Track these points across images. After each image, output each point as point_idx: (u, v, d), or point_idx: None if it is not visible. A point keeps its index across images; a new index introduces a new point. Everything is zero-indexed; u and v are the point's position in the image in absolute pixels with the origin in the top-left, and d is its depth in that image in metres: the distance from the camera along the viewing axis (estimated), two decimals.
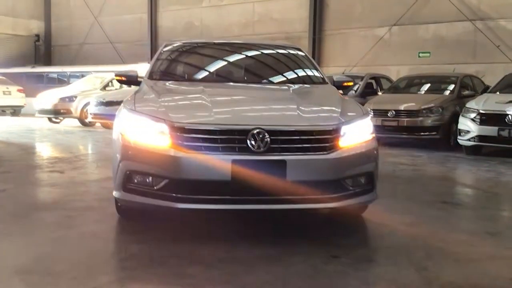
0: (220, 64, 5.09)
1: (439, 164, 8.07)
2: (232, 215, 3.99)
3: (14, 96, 19.11)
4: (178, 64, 5.05)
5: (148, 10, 22.50)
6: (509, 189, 6.21)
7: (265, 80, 4.79)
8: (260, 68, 5.09)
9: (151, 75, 4.70)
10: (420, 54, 16.91)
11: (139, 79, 4.69)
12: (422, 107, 10.09)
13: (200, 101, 3.79)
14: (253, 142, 3.39)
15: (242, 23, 20.36)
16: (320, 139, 3.52)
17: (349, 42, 18.27)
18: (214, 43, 5.49)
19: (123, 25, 23.13)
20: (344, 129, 3.65)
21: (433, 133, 10.00)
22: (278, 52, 5.32)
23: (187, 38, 15.68)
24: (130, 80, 4.71)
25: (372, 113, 10.50)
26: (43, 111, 15.47)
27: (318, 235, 3.80)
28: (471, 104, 9.10)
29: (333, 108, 3.87)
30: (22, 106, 19.19)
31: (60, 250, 3.35)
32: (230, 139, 3.40)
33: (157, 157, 3.44)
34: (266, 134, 3.40)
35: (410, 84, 12.07)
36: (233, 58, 5.20)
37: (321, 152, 3.50)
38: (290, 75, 5.01)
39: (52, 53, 26.28)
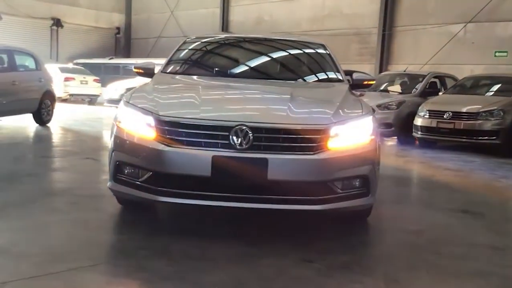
0: (232, 59, 5.06)
1: (489, 171, 7.56)
2: (220, 211, 3.97)
3: (90, 85, 20.18)
4: (192, 59, 5.08)
5: (220, 4, 22.87)
6: None
7: (273, 77, 4.70)
8: (272, 64, 5.01)
9: (164, 69, 4.77)
10: (497, 53, 15.88)
11: (155, 72, 4.77)
12: (482, 109, 9.49)
13: (193, 96, 3.79)
14: (235, 139, 3.34)
15: (311, 18, 20.15)
16: (306, 139, 3.41)
17: (420, 39, 17.52)
18: (234, 38, 5.47)
19: (196, 19, 23.65)
20: (335, 129, 3.51)
21: (493, 137, 9.37)
22: (297, 49, 5.20)
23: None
24: (147, 72, 4.80)
25: (427, 115, 10.06)
26: (111, 101, 16.19)
27: (303, 237, 3.69)
28: None
29: (327, 108, 3.72)
30: (97, 95, 20.21)
31: (45, 235, 3.48)
32: (213, 135, 3.38)
33: (143, 150, 3.49)
34: (249, 131, 3.34)
35: (475, 85, 11.38)
36: (248, 54, 5.16)
37: (307, 152, 3.39)
38: (302, 72, 4.90)
39: (131, 45, 27.44)
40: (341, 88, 4.37)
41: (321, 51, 5.15)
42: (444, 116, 9.77)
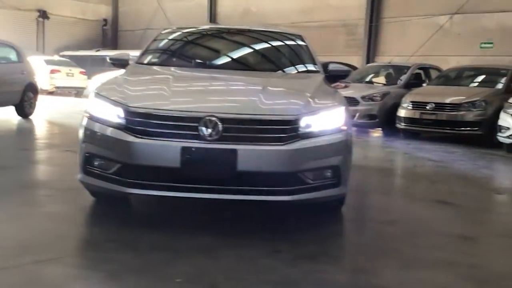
0: (206, 50, 5.04)
1: (470, 161, 7.61)
2: (191, 202, 3.96)
3: (76, 78, 20.05)
4: (167, 49, 5.04)
5: None
6: None
7: (248, 68, 4.67)
8: (248, 55, 4.97)
9: (139, 60, 4.73)
10: (482, 45, 15.96)
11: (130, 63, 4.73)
12: (464, 100, 9.54)
13: (163, 87, 3.75)
14: (204, 130, 3.32)
15: (299, 9, 20.10)
16: (275, 130, 3.40)
17: (407, 31, 17.55)
18: (211, 29, 5.43)
19: (184, 10, 23.50)
20: (305, 120, 3.49)
21: (475, 128, 9.43)
22: (274, 40, 5.17)
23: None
24: (122, 64, 4.75)
25: (411, 106, 10.08)
26: None
27: (274, 228, 3.69)
28: None
29: (298, 99, 3.71)
30: (84, 88, 20.06)
31: (15, 227, 3.45)
32: (182, 126, 3.35)
33: (112, 141, 3.46)
34: (218, 122, 3.32)
35: (459, 76, 11.43)
36: (224, 45, 5.13)
37: (277, 143, 3.37)
38: (277, 63, 4.88)
39: (118, 37, 27.24)
40: (315, 79, 4.35)
41: (297, 42, 5.13)
42: (427, 107, 9.80)
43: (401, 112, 10.27)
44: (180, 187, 3.37)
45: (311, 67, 4.78)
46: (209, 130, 3.32)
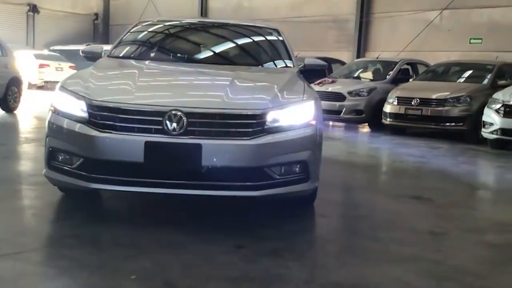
0: (180, 44, 4.99)
1: (452, 157, 7.60)
2: (156, 198, 3.93)
3: (66, 72, 19.84)
4: (140, 43, 4.98)
5: None
6: (507, 187, 5.75)
7: (220, 62, 4.62)
8: (221, 49, 4.92)
9: (110, 53, 4.67)
10: (472, 40, 15.96)
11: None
12: (448, 96, 9.52)
13: (129, 80, 3.70)
14: (169, 124, 3.28)
15: (290, 4, 20.04)
16: (240, 124, 3.36)
17: (397, 26, 17.54)
18: (186, 22, 5.36)
19: (175, 5, 23.38)
20: (272, 114, 3.45)
21: (460, 124, 9.42)
22: (249, 34, 5.12)
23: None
24: (94, 57, 4.70)
25: (396, 101, 10.07)
26: None
27: (239, 224, 3.65)
28: (497, 95, 8.46)
29: (266, 93, 3.67)
30: None
31: None
32: (146, 120, 3.31)
33: (75, 136, 3.41)
34: (183, 116, 3.27)
35: (445, 72, 11.41)
36: (197, 38, 5.08)
37: (242, 138, 3.34)
38: (251, 57, 4.83)
39: (109, 31, 27.09)
40: (287, 74, 4.31)
41: (274, 36, 5.09)
42: (412, 103, 9.78)
43: (387, 108, 10.25)
44: (144, 182, 3.33)
45: (285, 61, 4.74)
46: (174, 125, 3.28)
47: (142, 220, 3.65)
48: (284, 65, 4.68)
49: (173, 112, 3.28)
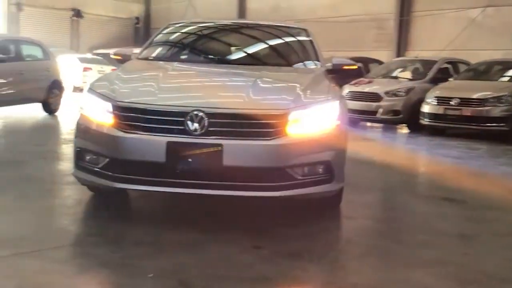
0: (207, 45, 5.02)
1: (492, 158, 7.36)
2: (181, 197, 3.95)
3: None
4: (167, 44, 5.03)
5: None
6: None
7: (245, 62, 4.61)
8: (247, 50, 4.91)
9: (140, 55, 4.75)
10: None
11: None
12: (489, 95, 9.21)
13: (154, 81, 3.75)
14: (190, 124, 3.30)
15: (328, 4, 19.84)
16: (262, 124, 3.35)
17: (438, 25, 17.07)
18: (214, 24, 5.39)
19: (214, 7, 23.55)
20: (295, 114, 3.43)
21: (501, 124, 9.08)
22: (277, 34, 5.10)
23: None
24: (124, 59, 4.79)
25: (435, 101, 9.82)
26: None
27: (261, 224, 3.64)
28: None
29: (288, 93, 3.64)
30: None
31: (4, 221, 3.50)
32: (169, 120, 3.34)
33: (101, 136, 3.49)
34: (204, 116, 3.29)
35: (487, 71, 11.04)
36: (225, 39, 5.10)
37: (263, 138, 3.32)
38: (277, 57, 4.81)
39: (150, 35, 27.54)
40: (313, 74, 4.27)
41: (302, 36, 5.05)
42: (451, 103, 9.51)
43: (425, 108, 10.00)
44: (166, 182, 3.36)
45: (312, 61, 4.69)
46: (195, 125, 3.29)
47: (164, 219, 3.69)
48: (311, 65, 4.63)
49: (195, 112, 3.30)
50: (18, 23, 22.06)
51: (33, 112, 10.64)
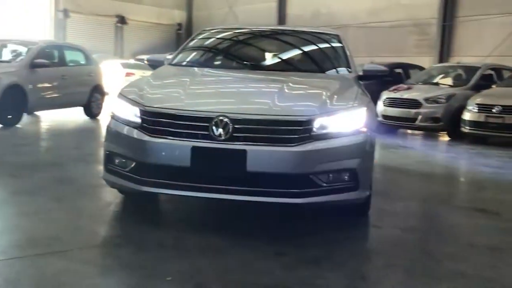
0: (237, 51, 5.05)
1: None
2: (206, 202, 3.99)
3: None
4: (199, 50, 5.09)
5: None
6: None
7: (274, 68, 4.61)
8: (276, 56, 4.91)
9: (171, 60, 4.83)
10: None
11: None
12: None
13: (181, 88, 3.80)
14: (215, 130, 3.33)
15: (369, 9, 19.64)
16: (286, 130, 3.35)
17: (483, 30, 16.61)
18: (245, 30, 5.41)
19: (254, 13, 23.68)
20: (319, 121, 3.41)
21: None
22: (308, 40, 5.08)
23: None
24: (157, 65, 4.88)
25: (476, 108, 9.55)
26: None
27: (286, 231, 3.63)
28: None
29: (314, 100, 3.62)
30: None
31: (36, 221, 3.61)
32: (194, 125, 3.38)
33: (129, 140, 3.56)
34: (229, 122, 3.32)
35: None
36: (256, 45, 5.11)
37: (287, 144, 3.32)
38: (306, 64, 4.78)
39: None
40: (342, 80, 4.23)
41: (333, 42, 5.02)
42: (493, 110, 9.23)
43: (466, 115, 9.74)
44: (190, 186, 3.40)
45: (343, 67, 4.65)
46: (220, 130, 3.32)
47: (188, 223, 3.73)
48: (342, 71, 4.59)
49: (220, 118, 3.33)
50: (65, 30, 22.80)
51: (76, 116, 10.97)
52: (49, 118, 10.33)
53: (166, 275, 2.71)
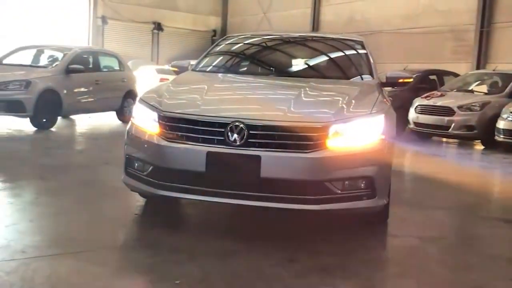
0: (259, 57, 5.06)
1: None
2: (225, 206, 4.01)
3: None
4: (223, 56, 5.14)
5: (311, 5, 22.77)
6: None
7: (294, 75, 4.61)
8: (297, 62, 4.92)
9: (195, 66, 4.89)
10: None
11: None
12: None
13: (199, 94, 3.84)
14: (230, 135, 3.36)
15: (404, 15, 19.36)
16: (301, 137, 3.34)
17: None
18: (267, 37, 5.42)
19: (288, 20, 23.72)
20: (334, 128, 3.39)
21: None
22: (330, 46, 5.06)
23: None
24: (182, 71, 4.95)
25: (511, 117, 9.28)
26: None
27: (301, 238, 3.61)
28: None
29: (330, 106, 3.61)
30: None
31: (58, 222, 3.72)
32: (210, 131, 3.42)
33: (147, 144, 3.63)
34: (244, 128, 3.34)
35: None
36: (277, 52, 5.12)
37: (302, 151, 3.32)
38: (326, 70, 4.76)
39: None
40: (362, 87, 4.20)
41: (356, 48, 4.98)
42: None
43: (500, 124, 9.48)
44: (205, 191, 3.43)
45: (365, 74, 4.61)
46: (235, 136, 3.35)
47: (203, 227, 3.77)
48: (364, 78, 4.55)
49: (235, 123, 3.35)
50: (102, 36, 23.34)
51: (108, 120, 11.21)
52: (83, 122, 10.59)
53: (175, 279, 2.74)
